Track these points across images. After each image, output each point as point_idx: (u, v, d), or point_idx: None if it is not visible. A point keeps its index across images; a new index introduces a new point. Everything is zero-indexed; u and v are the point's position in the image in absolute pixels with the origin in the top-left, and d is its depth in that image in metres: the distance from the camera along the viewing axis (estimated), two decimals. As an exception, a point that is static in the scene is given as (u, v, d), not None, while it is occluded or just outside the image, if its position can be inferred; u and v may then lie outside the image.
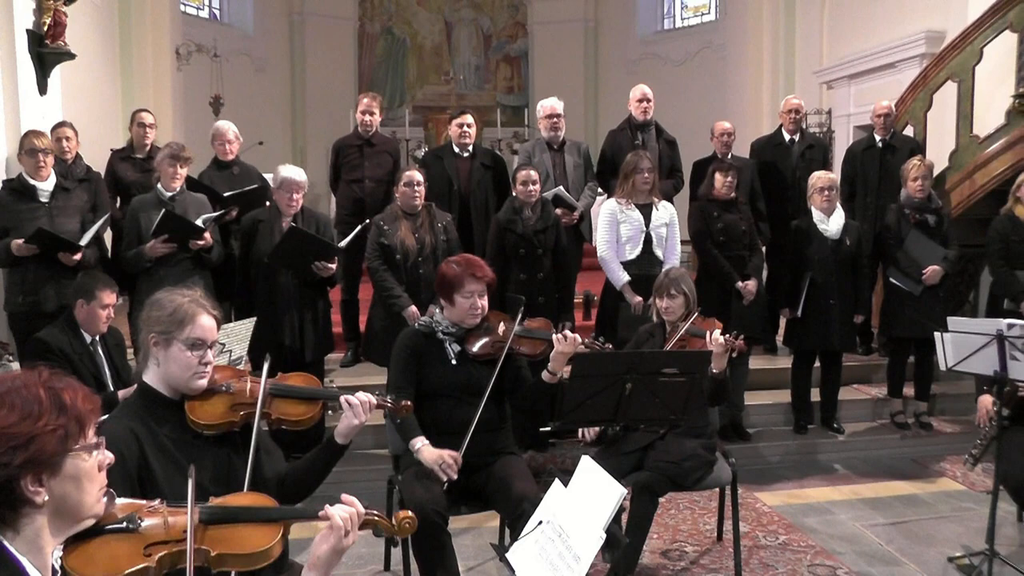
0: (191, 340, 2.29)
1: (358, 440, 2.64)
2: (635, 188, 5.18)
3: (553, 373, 3.38)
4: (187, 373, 2.31)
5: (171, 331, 2.29)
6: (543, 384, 3.41)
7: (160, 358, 2.31)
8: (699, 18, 13.86)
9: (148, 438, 2.23)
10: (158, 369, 2.32)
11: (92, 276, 4.25)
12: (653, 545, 4.22)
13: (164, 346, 2.30)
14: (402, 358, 3.50)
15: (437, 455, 3.25)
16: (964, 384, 5.47)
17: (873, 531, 4.50)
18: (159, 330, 2.30)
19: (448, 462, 3.23)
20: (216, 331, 2.38)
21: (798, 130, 6.62)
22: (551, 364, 3.39)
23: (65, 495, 1.46)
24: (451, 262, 3.52)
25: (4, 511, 1.41)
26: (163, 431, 2.28)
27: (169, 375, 2.31)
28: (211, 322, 2.35)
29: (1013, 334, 3.64)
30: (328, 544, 1.81)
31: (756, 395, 5.89)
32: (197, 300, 2.36)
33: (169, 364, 2.30)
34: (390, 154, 6.21)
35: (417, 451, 3.30)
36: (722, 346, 3.64)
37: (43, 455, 1.41)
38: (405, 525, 1.99)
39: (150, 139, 5.84)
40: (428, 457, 3.26)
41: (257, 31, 13.37)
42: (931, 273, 5.51)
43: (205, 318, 2.34)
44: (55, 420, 1.43)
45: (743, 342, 3.75)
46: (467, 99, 14.47)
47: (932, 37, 8.23)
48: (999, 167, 6.21)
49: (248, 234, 4.93)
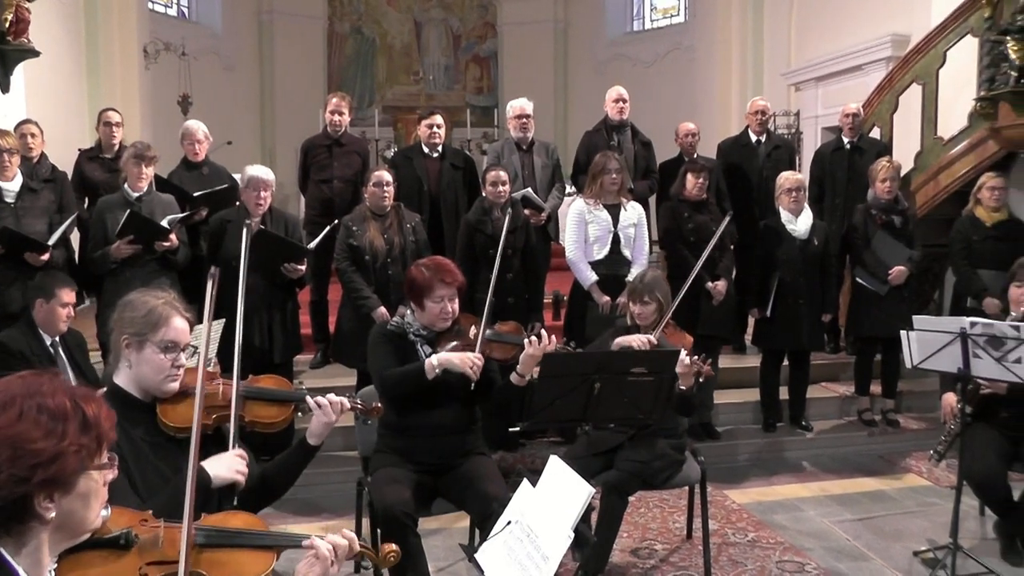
0: (164, 342, 2.27)
1: (327, 442, 2.63)
2: (603, 188, 5.19)
3: (522, 376, 3.38)
4: (159, 376, 2.28)
5: (144, 333, 2.27)
6: (512, 387, 3.42)
7: (132, 360, 2.29)
8: (668, 20, 13.95)
9: (124, 439, 2.19)
10: (130, 371, 2.30)
11: (50, 275, 4.19)
12: (623, 544, 4.23)
13: (137, 348, 2.27)
14: (381, 346, 3.49)
15: (463, 355, 3.31)
16: (930, 381, 5.55)
17: (841, 527, 4.55)
18: (132, 332, 2.28)
19: (476, 362, 3.29)
20: (189, 333, 2.36)
21: (764, 131, 6.67)
22: (520, 367, 3.38)
23: (72, 512, 1.41)
24: (420, 266, 3.50)
25: (11, 524, 1.35)
26: (137, 433, 2.25)
27: (141, 377, 2.29)
28: (184, 324, 2.33)
29: (976, 332, 3.69)
30: (313, 573, 1.80)
31: (725, 394, 5.92)
32: (171, 302, 2.34)
33: (141, 366, 2.28)
34: (359, 154, 6.18)
35: (439, 362, 3.31)
36: (687, 368, 3.59)
37: (63, 475, 1.36)
38: (390, 558, 2.01)
39: (117, 139, 5.76)
40: (456, 360, 3.30)
41: (226, 30, 13.26)
42: (897, 273, 5.58)
43: (179, 320, 2.32)
44: (79, 438, 1.37)
45: (709, 367, 3.70)
46: (437, 99, 14.46)
47: (897, 40, 8.35)
48: (962, 168, 6.32)
49: (216, 235, 4.88)
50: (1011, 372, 3.63)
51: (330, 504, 4.74)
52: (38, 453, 1.32)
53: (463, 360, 3.30)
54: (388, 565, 2.02)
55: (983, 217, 5.62)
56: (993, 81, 5.77)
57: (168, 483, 2.20)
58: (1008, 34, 5.51)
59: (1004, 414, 4.08)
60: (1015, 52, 5.50)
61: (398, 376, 3.38)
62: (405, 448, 3.40)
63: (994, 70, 5.75)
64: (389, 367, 3.42)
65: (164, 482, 2.20)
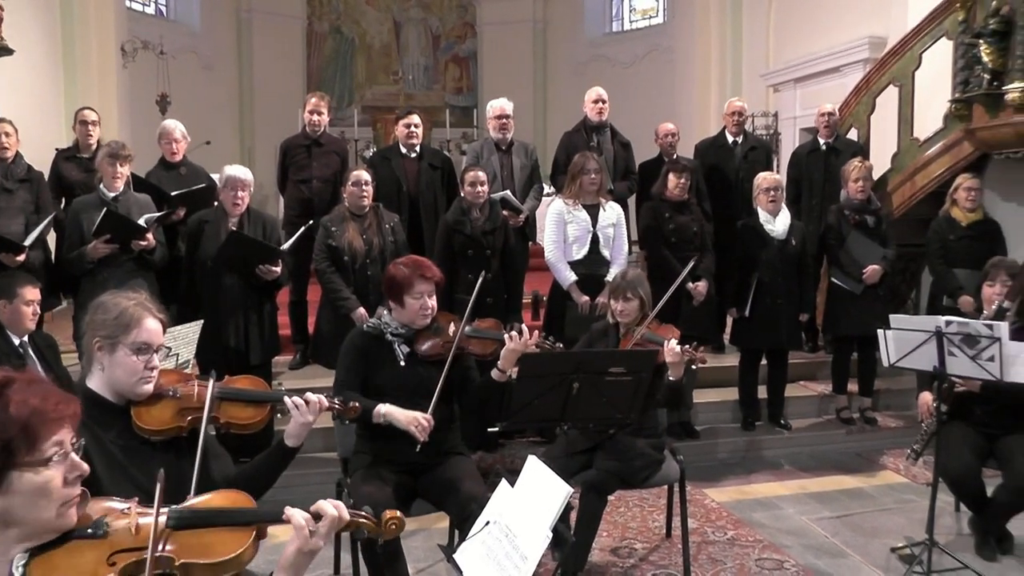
0: (136, 344, 2.25)
1: (306, 443, 2.61)
2: (582, 189, 5.20)
3: (503, 371, 3.39)
4: (133, 378, 2.26)
5: (116, 335, 2.24)
6: (492, 382, 3.41)
7: (105, 363, 2.26)
8: (647, 21, 14.00)
9: (93, 444, 2.17)
10: (103, 374, 2.28)
11: (11, 275, 4.15)
12: (602, 543, 4.25)
13: (109, 351, 2.25)
14: (350, 356, 3.48)
15: (411, 415, 3.27)
16: (906, 380, 5.60)
17: (819, 524, 4.58)
18: (104, 334, 2.25)
19: (422, 423, 3.25)
20: (162, 335, 2.34)
21: (741, 132, 6.71)
22: (501, 362, 3.39)
23: (9, 509, 1.35)
24: (399, 264, 3.50)
25: None
26: (109, 437, 2.23)
27: (114, 380, 2.27)
28: (157, 326, 2.31)
29: (951, 331, 3.73)
30: (294, 545, 1.78)
31: (704, 393, 5.95)
32: (143, 303, 2.31)
33: (114, 369, 2.26)
34: (338, 154, 6.16)
35: (386, 414, 3.29)
36: (678, 355, 3.60)
37: None
38: (391, 526, 1.94)
39: (94, 138, 5.69)
40: (401, 418, 3.27)
41: (204, 28, 13.19)
42: (871, 272, 5.63)
43: (151, 322, 2.29)
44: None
45: (703, 354, 3.71)
46: (416, 99, 14.44)
47: (875, 43, 8.42)
48: (938, 169, 6.38)
49: (194, 235, 4.85)
50: (985, 370, 3.68)
51: (309, 505, 4.70)
52: None
53: (408, 420, 3.27)
54: (391, 535, 1.94)
55: (959, 217, 5.68)
56: (967, 83, 5.82)
57: (140, 487, 2.18)
58: (981, 37, 5.57)
59: (978, 412, 4.14)
60: (988, 55, 5.56)
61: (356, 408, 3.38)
62: (384, 449, 3.39)
63: (968, 72, 5.81)
64: (349, 383, 3.41)
65: (135, 487, 2.18)
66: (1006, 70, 5.53)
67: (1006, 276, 4.15)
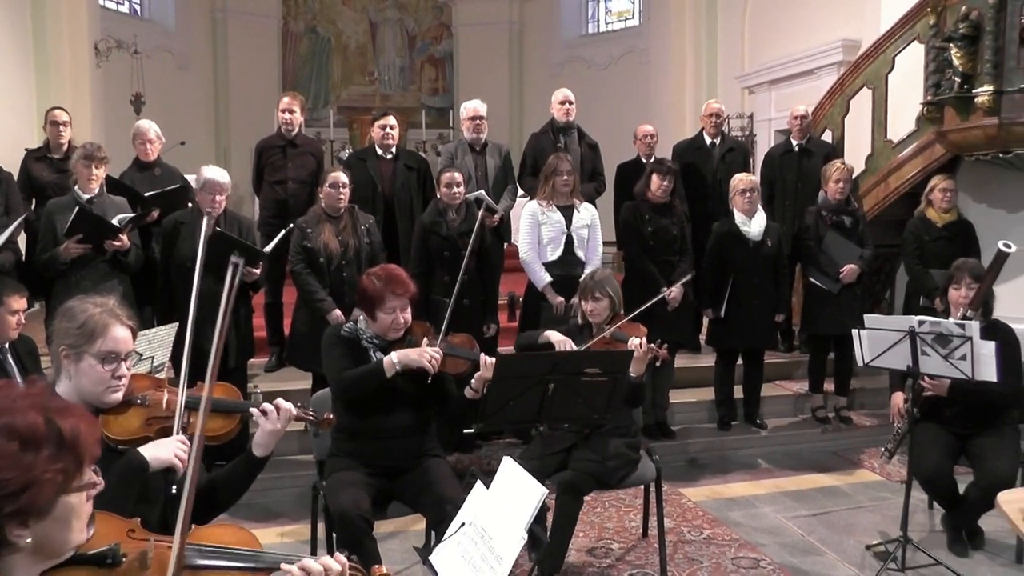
0: (102, 354, 2.19)
1: (282, 447, 2.59)
2: (555, 190, 5.21)
3: (476, 391, 3.38)
4: (100, 387, 2.21)
5: (80, 344, 2.18)
6: (465, 400, 3.43)
7: (71, 371, 2.20)
8: (623, 23, 14.04)
9: None
10: (70, 383, 2.22)
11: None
12: (579, 543, 4.25)
13: (75, 360, 2.19)
14: (337, 348, 3.46)
15: (420, 350, 3.34)
16: (882, 379, 5.66)
17: (795, 522, 4.62)
18: (68, 343, 2.19)
19: (434, 355, 3.31)
20: (132, 342, 2.27)
21: (719, 134, 6.74)
22: (474, 382, 3.39)
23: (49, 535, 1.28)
24: (372, 276, 3.46)
25: None
26: None
27: (81, 389, 2.21)
28: (125, 333, 2.25)
29: (924, 330, 3.78)
30: None
31: (680, 393, 5.98)
32: (110, 310, 2.25)
33: (80, 378, 2.20)
34: (313, 155, 6.13)
35: (399, 360, 3.33)
36: (641, 352, 3.64)
37: (35, 504, 1.22)
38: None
39: (65, 138, 5.63)
40: (413, 355, 3.33)
41: (179, 28, 13.07)
42: (848, 272, 5.67)
43: (118, 329, 2.23)
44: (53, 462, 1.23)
45: (666, 351, 3.77)
46: (392, 100, 14.42)
47: (848, 45, 8.50)
48: (911, 171, 6.46)
49: (169, 236, 4.80)
50: (957, 368, 3.73)
51: (285, 509, 4.69)
52: (5, 484, 1.19)
53: (421, 355, 3.33)
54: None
55: (934, 218, 5.75)
56: (939, 86, 5.89)
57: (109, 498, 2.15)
58: (951, 41, 5.64)
59: (948, 413, 4.19)
60: (958, 59, 5.63)
61: (356, 377, 3.36)
62: (360, 451, 3.38)
63: (939, 76, 5.88)
64: (346, 368, 3.40)
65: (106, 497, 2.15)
66: (976, 73, 5.61)
67: (970, 279, 4.19)
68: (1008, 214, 6.23)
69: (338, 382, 3.41)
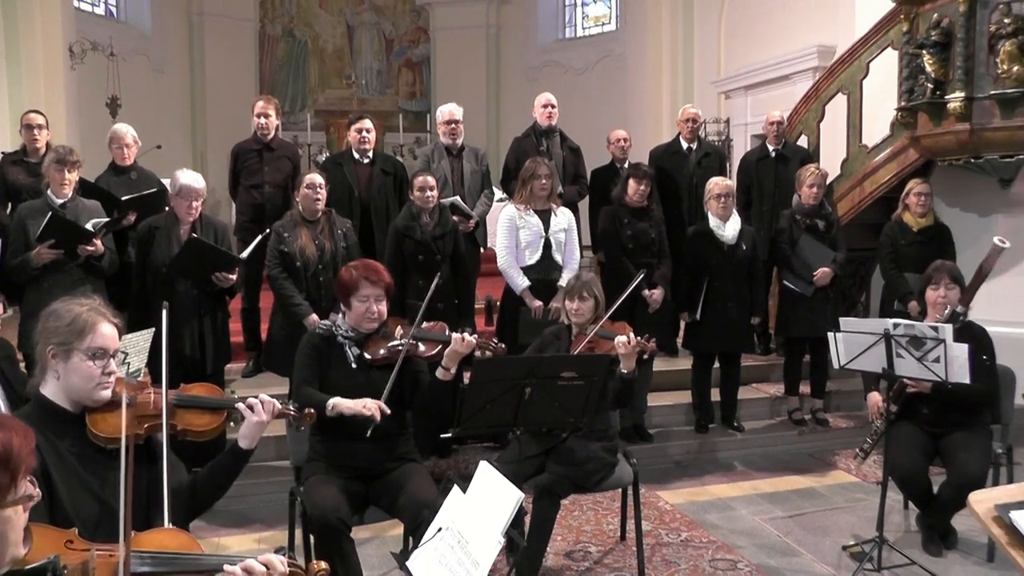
0: (92, 350, 2.21)
1: (260, 452, 2.59)
2: (533, 194, 5.22)
3: (447, 369, 3.41)
4: (90, 384, 2.22)
5: (70, 341, 2.20)
6: (438, 383, 3.44)
7: (60, 371, 2.21)
8: (600, 28, 14.12)
9: (50, 451, 2.13)
10: (58, 382, 2.22)
11: None
12: (557, 547, 4.26)
13: (64, 358, 2.20)
14: (305, 355, 3.49)
15: (359, 401, 3.30)
16: (857, 381, 5.68)
17: (772, 524, 4.65)
18: (57, 341, 2.20)
19: (370, 405, 3.27)
20: (118, 339, 2.30)
21: (695, 138, 6.78)
22: (444, 360, 3.42)
23: None
24: (350, 267, 3.54)
25: None
26: (63, 445, 2.18)
27: (71, 387, 2.22)
28: (112, 331, 2.27)
29: (898, 333, 3.82)
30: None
31: (657, 396, 6.00)
32: (96, 308, 2.27)
33: (70, 376, 2.21)
34: (290, 159, 6.11)
35: (334, 405, 3.31)
36: (630, 347, 3.68)
37: None
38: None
39: (41, 142, 5.55)
40: (350, 405, 3.30)
41: (155, 30, 12.99)
42: (821, 275, 5.72)
43: (106, 326, 2.25)
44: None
45: (654, 344, 3.82)
46: (369, 104, 14.41)
47: (823, 51, 8.59)
48: (885, 175, 6.54)
49: (144, 241, 4.75)
50: (931, 371, 3.77)
51: (263, 515, 4.67)
52: None
53: (356, 404, 3.30)
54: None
55: (910, 222, 5.81)
56: (912, 92, 5.97)
57: (95, 496, 2.14)
58: (924, 48, 5.73)
59: (925, 411, 4.22)
60: (930, 65, 5.71)
61: (307, 396, 3.37)
62: (336, 455, 3.38)
63: (912, 82, 5.95)
64: (307, 380, 3.44)
65: (92, 495, 2.15)
66: (947, 80, 5.70)
67: (949, 280, 4.24)
68: (980, 218, 6.33)
69: (296, 394, 3.46)
